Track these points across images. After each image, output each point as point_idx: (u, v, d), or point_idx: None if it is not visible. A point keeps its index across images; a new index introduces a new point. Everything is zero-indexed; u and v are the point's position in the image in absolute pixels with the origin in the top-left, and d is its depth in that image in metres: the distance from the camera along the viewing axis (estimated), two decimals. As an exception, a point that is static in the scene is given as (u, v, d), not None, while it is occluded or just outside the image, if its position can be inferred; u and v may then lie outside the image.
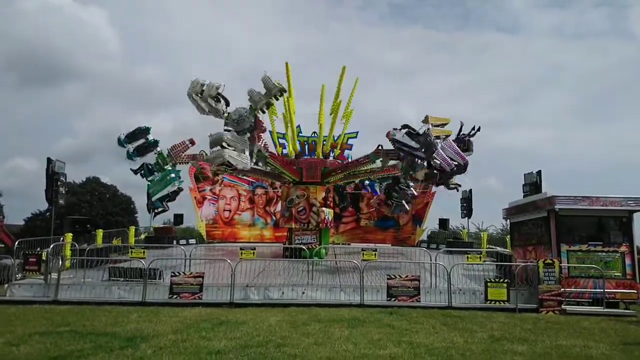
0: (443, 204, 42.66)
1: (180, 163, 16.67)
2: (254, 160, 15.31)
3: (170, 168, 16.45)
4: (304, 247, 16.25)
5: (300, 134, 22.74)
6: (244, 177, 24.02)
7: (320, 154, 19.92)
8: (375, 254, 13.74)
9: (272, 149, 21.02)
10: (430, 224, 27.61)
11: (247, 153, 14.25)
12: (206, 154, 15.71)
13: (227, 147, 13.95)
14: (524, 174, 18.89)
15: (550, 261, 12.34)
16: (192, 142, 16.86)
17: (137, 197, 60.14)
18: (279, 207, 23.93)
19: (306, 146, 22.76)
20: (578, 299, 12.52)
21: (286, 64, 18.68)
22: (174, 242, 23.21)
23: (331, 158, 20.54)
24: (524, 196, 18.61)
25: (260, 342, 7.16)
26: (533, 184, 18.16)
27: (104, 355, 6.11)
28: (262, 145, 16.22)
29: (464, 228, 28.42)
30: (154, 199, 16.35)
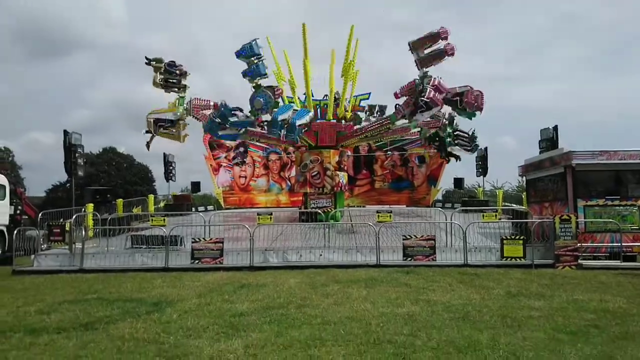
0: (458, 164, 42.36)
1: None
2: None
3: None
4: (319, 211, 16.43)
5: (312, 98, 22.58)
6: (258, 144, 24.06)
7: (331, 117, 19.82)
8: (390, 216, 13.83)
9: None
10: (445, 184, 27.66)
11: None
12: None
13: None
14: (540, 130, 18.59)
15: (567, 217, 12.31)
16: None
17: (154, 166, 60.81)
18: (293, 172, 24.05)
19: (318, 110, 22.62)
20: (595, 254, 12.53)
21: (303, 25, 18.30)
22: (192, 209, 23.62)
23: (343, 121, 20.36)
24: (540, 152, 18.40)
25: (282, 303, 7.36)
26: (549, 139, 17.89)
27: (132, 320, 6.36)
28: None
29: (479, 186, 28.37)
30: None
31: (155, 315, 6.60)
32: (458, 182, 25.91)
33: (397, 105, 16.51)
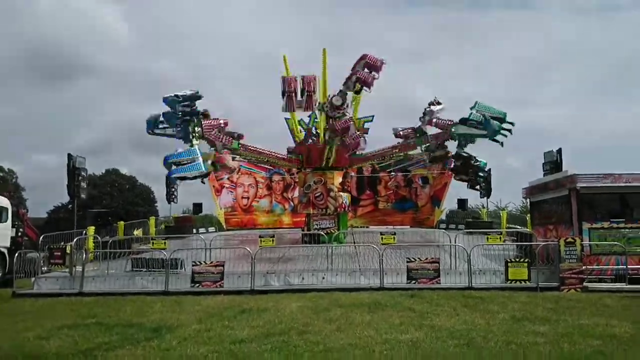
0: (461, 184, 42.29)
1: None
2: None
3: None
4: (322, 232, 16.36)
5: (315, 119, 22.67)
6: (260, 165, 24.13)
7: (323, 140, 19.95)
8: (394, 238, 13.73)
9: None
10: (449, 204, 27.52)
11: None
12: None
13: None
14: (544, 153, 18.57)
15: (572, 240, 12.20)
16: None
17: (156, 187, 60.92)
18: (296, 192, 23.98)
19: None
20: (600, 276, 12.38)
21: (324, 50, 18.86)
22: (194, 230, 23.56)
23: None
24: (544, 174, 18.36)
25: (283, 329, 7.25)
26: (553, 162, 17.86)
27: (131, 347, 6.27)
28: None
29: (483, 207, 28.22)
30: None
31: (154, 342, 6.50)
32: (462, 203, 25.83)
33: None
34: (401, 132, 18.81)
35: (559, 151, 17.94)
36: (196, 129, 16.47)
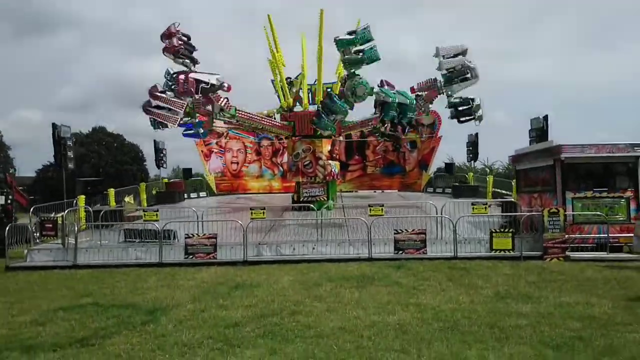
0: (449, 149, 42.73)
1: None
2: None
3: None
4: (311, 203, 16.55)
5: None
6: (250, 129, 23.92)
7: (307, 106, 19.78)
8: (382, 209, 13.93)
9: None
10: (437, 166, 27.81)
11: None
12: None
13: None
14: (531, 119, 18.67)
15: (555, 210, 12.50)
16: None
17: (144, 144, 60.40)
18: (285, 158, 24.00)
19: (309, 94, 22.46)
20: (582, 244, 12.77)
21: (268, 16, 18.52)
22: (185, 196, 23.63)
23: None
24: (531, 142, 18.53)
25: (275, 310, 7.48)
26: (540, 129, 17.99)
27: (127, 332, 6.45)
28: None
29: (471, 163, 28.06)
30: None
31: (150, 327, 6.69)
32: (449, 166, 26.08)
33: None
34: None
35: (545, 118, 18.06)
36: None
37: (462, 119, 17.13)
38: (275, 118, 20.13)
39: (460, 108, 16.96)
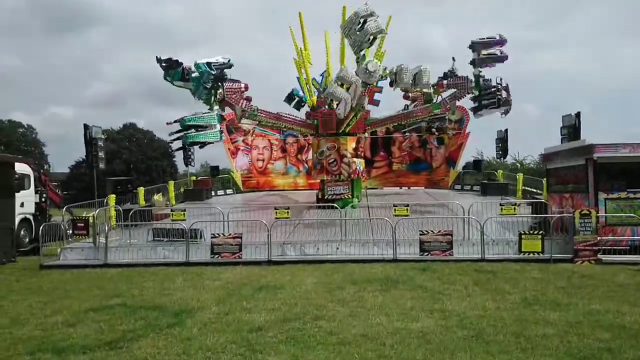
0: (477, 145, 42.14)
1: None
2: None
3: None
4: (335, 203, 16.57)
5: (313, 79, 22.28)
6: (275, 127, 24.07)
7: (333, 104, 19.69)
8: (407, 209, 13.82)
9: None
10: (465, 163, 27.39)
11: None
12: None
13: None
14: (562, 116, 18.16)
15: (587, 211, 12.16)
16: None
17: (172, 144, 61.51)
18: (310, 155, 24.06)
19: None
20: (615, 246, 12.40)
21: (299, 13, 18.51)
22: (212, 193, 23.96)
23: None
24: (562, 140, 18.05)
25: (298, 314, 7.52)
26: (571, 126, 17.49)
27: (154, 336, 6.58)
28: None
29: (500, 158, 27.49)
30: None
31: (176, 330, 6.82)
32: (477, 163, 25.65)
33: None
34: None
35: (578, 115, 17.52)
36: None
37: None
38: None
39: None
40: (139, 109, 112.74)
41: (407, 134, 25.97)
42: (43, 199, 18.84)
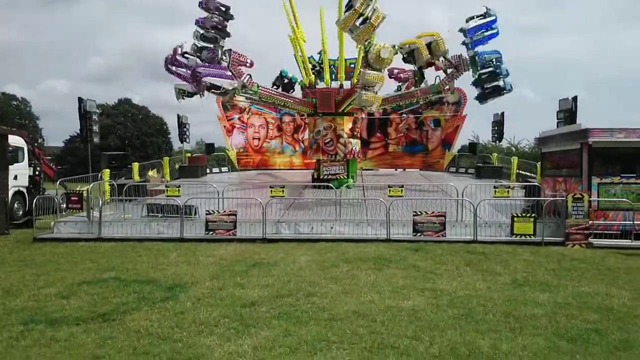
0: (474, 128, 42.11)
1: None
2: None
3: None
4: (332, 178, 16.59)
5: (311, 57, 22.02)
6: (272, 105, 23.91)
7: (329, 83, 19.56)
8: (402, 190, 13.86)
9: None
10: (460, 146, 27.42)
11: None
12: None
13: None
14: (559, 100, 18.12)
15: (580, 195, 12.24)
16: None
17: (168, 117, 61.13)
18: (306, 134, 23.96)
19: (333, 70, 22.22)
20: (606, 231, 12.52)
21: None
22: (207, 170, 23.91)
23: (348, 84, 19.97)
24: (558, 124, 18.06)
25: (291, 290, 7.58)
26: (568, 110, 17.47)
27: (147, 309, 6.63)
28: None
29: (495, 142, 27.44)
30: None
31: (169, 304, 6.86)
32: (472, 146, 25.70)
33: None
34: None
35: (574, 99, 17.48)
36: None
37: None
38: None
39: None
40: (134, 85, 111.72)
41: (404, 115, 25.90)
42: (37, 172, 18.73)
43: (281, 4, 19.18)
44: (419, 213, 12.60)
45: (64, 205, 14.98)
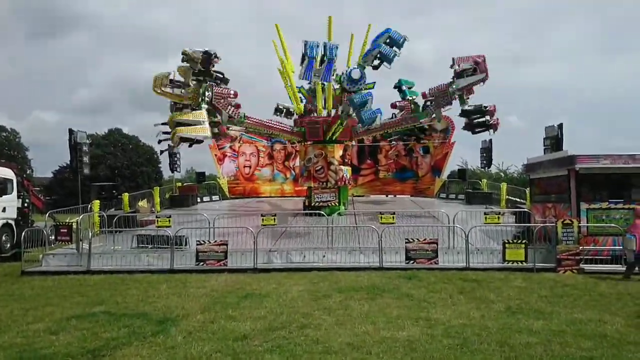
0: (462, 154, 42.63)
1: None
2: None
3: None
4: (323, 205, 16.60)
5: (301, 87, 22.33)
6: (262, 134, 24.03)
7: (322, 112, 19.77)
8: (393, 217, 13.89)
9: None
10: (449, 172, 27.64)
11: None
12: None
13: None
14: (545, 128, 18.47)
15: (569, 221, 12.35)
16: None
17: (159, 147, 61.02)
18: (297, 161, 24.07)
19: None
20: (597, 256, 12.58)
21: (276, 26, 18.48)
22: (198, 199, 23.81)
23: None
24: (545, 150, 18.35)
25: (284, 322, 7.50)
26: (554, 137, 17.79)
27: (138, 344, 6.51)
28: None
29: (484, 168, 27.66)
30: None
31: (160, 338, 6.75)
32: (462, 172, 25.94)
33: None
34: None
35: (560, 126, 17.84)
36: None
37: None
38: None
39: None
40: (124, 115, 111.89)
41: (393, 142, 26.16)
42: (25, 204, 18.55)
43: (269, 30, 19.56)
44: (411, 240, 12.61)
45: (53, 237, 14.80)
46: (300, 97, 20.70)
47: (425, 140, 25.45)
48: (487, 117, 17.38)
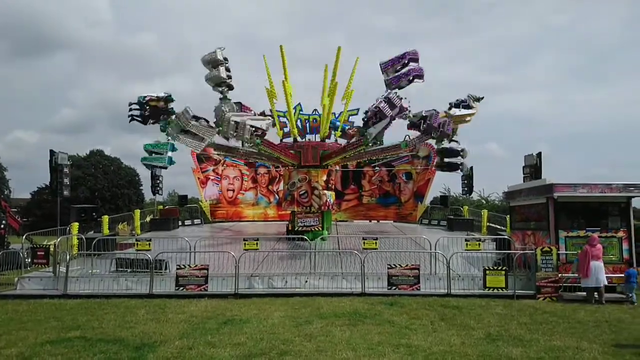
0: (444, 181, 43.26)
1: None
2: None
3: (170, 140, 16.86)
4: (305, 235, 16.54)
5: (301, 112, 22.65)
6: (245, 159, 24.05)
7: (325, 134, 19.95)
8: (376, 243, 13.93)
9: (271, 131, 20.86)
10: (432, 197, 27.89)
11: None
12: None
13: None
14: (524, 156, 18.86)
15: (548, 249, 12.53)
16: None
17: (141, 169, 60.51)
18: (281, 186, 24.09)
19: (307, 125, 22.72)
20: (576, 284, 12.72)
21: (280, 47, 18.51)
22: (179, 223, 23.57)
23: (332, 139, 20.49)
24: (524, 178, 18.67)
25: (264, 349, 7.41)
26: (533, 166, 18.16)
27: (113, 371, 6.38)
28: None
29: (465, 194, 27.94)
30: (142, 161, 17.61)
31: (137, 365, 6.62)
32: (444, 199, 26.20)
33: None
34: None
35: (539, 155, 18.26)
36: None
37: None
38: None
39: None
40: (106, 136, 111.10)
41: (376, 168, 26.40)
42: (2, 226, 18.21)
43: (254, 55, 19.71)
44: (394, 266, 12.64)
45: (29, 260, 14.49)
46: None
47: (407, 166, 25.76)
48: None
